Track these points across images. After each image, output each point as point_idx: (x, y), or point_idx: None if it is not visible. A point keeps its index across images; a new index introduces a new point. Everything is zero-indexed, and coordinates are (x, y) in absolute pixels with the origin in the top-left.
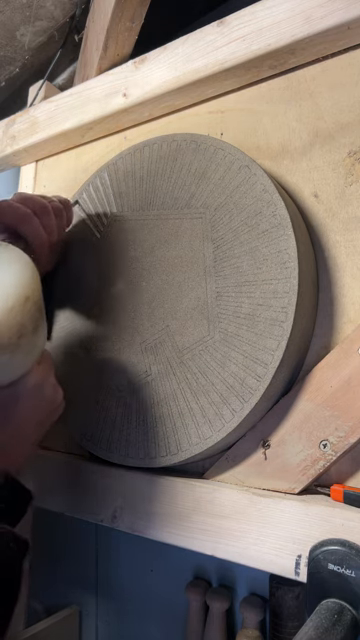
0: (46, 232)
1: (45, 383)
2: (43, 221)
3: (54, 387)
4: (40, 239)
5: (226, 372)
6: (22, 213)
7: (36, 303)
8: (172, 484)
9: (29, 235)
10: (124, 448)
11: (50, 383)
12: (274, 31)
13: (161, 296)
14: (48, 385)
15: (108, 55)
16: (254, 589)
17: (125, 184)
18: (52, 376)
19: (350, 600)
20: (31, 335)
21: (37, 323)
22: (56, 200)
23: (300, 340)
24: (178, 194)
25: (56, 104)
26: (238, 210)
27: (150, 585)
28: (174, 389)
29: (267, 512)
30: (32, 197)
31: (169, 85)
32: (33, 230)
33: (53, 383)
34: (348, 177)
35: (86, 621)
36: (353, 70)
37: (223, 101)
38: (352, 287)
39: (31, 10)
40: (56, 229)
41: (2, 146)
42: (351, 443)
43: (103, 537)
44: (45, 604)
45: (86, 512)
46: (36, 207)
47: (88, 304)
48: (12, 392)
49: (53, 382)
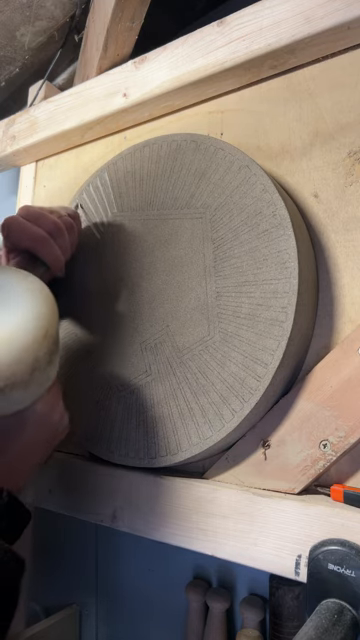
0: (62, 252)
1: (53, 411)
2: (59, 242)
3: (61, 414)
4: (58, 262)
5: (226, 372)
6: (39, 236)
7: (53, 336)
8: (172, 484)
9: (48, 258)
10: (124, 448)
11: (58, 410)
12: (274, 31)
13: (161, 296)
14: (56, 412)
15: (108, 55)
16: (254, 589)
17: (125, 184)
18: (60, 402)
19: (350, 600)
20: (44, 369)
21: (52, 357)
22: (65, 214)
23: (300, 340)
24: (178, 194)
25: (56, 104)
26: (238, 210)
27: (150, 585)
28: (174, 389)
29: (267, 512)
30: (43, 215)
31: (169, 85)
32: (51, 253)
33: (60, 410)
34: (348, 177)
35: (86, 621)
36: (353, 70)
37: (223, 101)
38: (352, 287)
39: (31, 10)
40: (69, 247)
41: (2, 146)
42: (351, 443)
43: (103, 537)
44: (45, 604)
45: (86, 512)
46: (51, 228)
47: (88, 304)
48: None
49: (61, 409)
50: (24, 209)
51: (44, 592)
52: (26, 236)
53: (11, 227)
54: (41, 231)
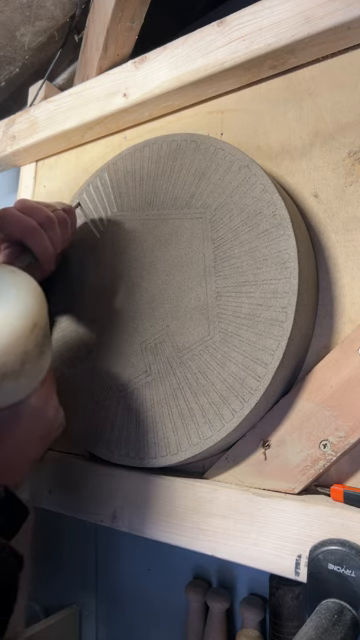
0: (52, 245)
1: (47, 405)
2: (49, 234)
3: (55, 409)
4: (47, 253)
5: (226, 372)
6: (29, 226)
7: (42, 329)
8: (172, 484)
9: (36, 249)
10: (124, 448)
11: (52, 405)
12: (274, 31)
13: (161, 296)
14: (50, 407)
15: (108, 55)
16: (254, 589)
17: (125, 184)
18: (54, 397)
19: (350, 600)
20: (35, 361)
21: (42, 349)
22: (60, 208)
23: (300, 340)
24: (178, 194)
25: (56, 104)
26: (238, 210)
27: (150, 585)
28: (174, 389)
29: (267, 512)
30: (37, 208)
31: (169, 85)
32: (40, 244)
33: (55, 405)
34: (348, 177)
35: (86, 621)
36: (353, 70)
37: (223, 101)
38: (352, 287)
39: (31, 10)
40: (61, 240)
41: (2, 146)
42: (351, 443)
43: (103, 537)
44: (45, 604)
45: (86, 512)
46: (42, 219)
47: (88, 304)
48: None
49: (55, 404)
50: (20, 202)
51: (44, 592)
52: (17, 226)
53: (5, 218)
54: (32, 221)
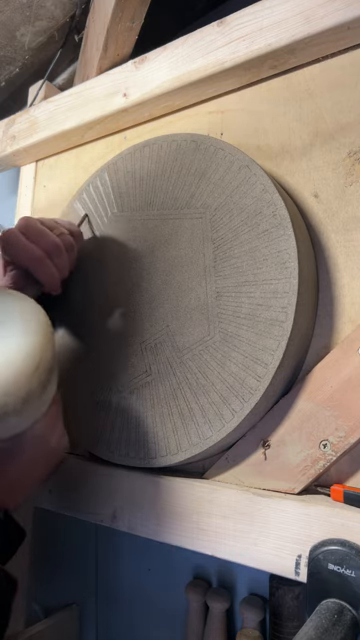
0: (58, 271)
1: (51, 433)
2: (56, 262)
3: (60, 435)
4: (53, 280)
5: (226, 372)
6: (36, 257)
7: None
8: (172, 484)
9: (42, 278)
10: (124, 448)
11: (56, 432)
12: (274, 31)
13: (161, 296)
14: (54, 434)
15: (108, 55)
16: (254, 589)
17: (125, 184)
18: (59, 424)
19: (350, 600)
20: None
21: (46, 384)
22: (67, 231)
23: (300, 340)
24: (178, 194)
25: (56, 104)
26: (238, 210)
27: (150, 585)
28: (174, 389)
29: (267, 512)
30: (42, 233)
31: (169, 85)
32: (48, 274)
33: (59, 431)
34: (348, 177)
35: (86, 621)
36: (353, 70)
37: (223, 101)
38: (352, 287)
39: (31, 10)
40: (68, 266)
41: (2, 146)
42: (351, 443)
43: (103, 537)
44: (45, 604)
45: (86, 512)
46: (48, 246)
47: (88, 305)
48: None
49: (59, 430)
50: (24, 223)
51: (44, 592)
52: (23, 254)
53: (9, 243)
54: (39, 251)
